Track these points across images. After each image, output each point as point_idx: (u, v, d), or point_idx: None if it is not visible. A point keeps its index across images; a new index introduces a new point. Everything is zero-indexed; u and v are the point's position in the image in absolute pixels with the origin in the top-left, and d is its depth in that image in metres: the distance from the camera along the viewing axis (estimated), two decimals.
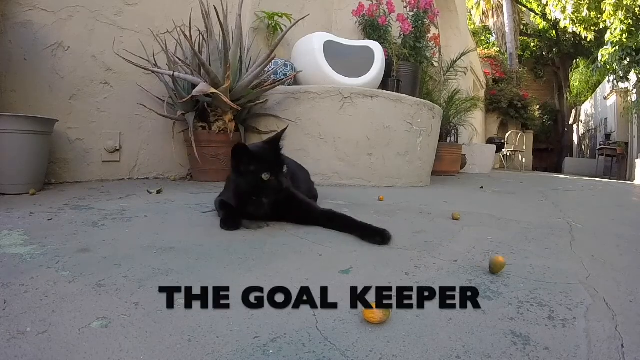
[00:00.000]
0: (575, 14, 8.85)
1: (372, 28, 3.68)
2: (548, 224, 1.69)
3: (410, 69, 3.62)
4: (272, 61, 2.68)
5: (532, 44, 16.38)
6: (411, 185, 2.91)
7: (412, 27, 3.71)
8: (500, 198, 2.70)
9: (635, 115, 8.23)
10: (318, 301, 0.77)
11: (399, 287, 0.85)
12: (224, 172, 2.22)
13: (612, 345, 0.66)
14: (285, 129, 1.40)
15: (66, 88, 2.26)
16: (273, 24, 3.06)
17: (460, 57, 4.80)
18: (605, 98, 10.35)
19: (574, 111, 14.16)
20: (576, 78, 12.01)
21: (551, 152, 15.57)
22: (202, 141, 2.41)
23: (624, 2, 7.03)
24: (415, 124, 2.83)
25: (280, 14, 3.04)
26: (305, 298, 0.76)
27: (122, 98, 2.51)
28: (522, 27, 15.60)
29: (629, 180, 7.90)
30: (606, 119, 10.42)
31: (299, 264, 0.99)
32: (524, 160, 10.77)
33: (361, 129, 2.61)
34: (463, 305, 0.78)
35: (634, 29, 7.19)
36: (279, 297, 0.76)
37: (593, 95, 12.18)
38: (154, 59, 2.53)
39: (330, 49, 2.84)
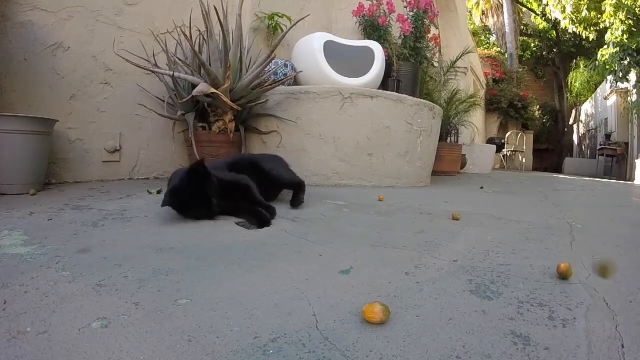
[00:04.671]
0: (575, 14, 8.85)
1: (372, 28, 3.68)
2: (548, 224, 1.69)
3: (410, 69, 3.61)
4: (272, 61, 2.68)
5: (532, 44, 16.37)
6: (411, 185, 2.91)
7: (412, 27, 3.71)
8: (501, 198, 2.70)
9: (635, 115, 8.22)
10: (318, 301, 0.77)
11: (399, 287, 0.85)
12: None
13: (612, 345, 0.66)
14: None
15: (66, 88, 2.25)
16: (273, 24, 3.06)
17: (460, 57, 4.79)
18: (605, 98, 10.34)
19: (574, 111, 14.15)
20: (576, 78, 11.99)
21: (551, 152, 15.56)
22: (202, 141, 2.41)
23: (624, 2, 7.03)
24: (415, 124, 2.83)
25: (280, 14, 3.04)
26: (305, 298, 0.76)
27: (122, 98, 2.50)
28: (522, 27, 15.59)
29: (629, 180, 7.89)
30: (606, 119, 10.41)
31: (298, 264, 0.99)
32: (524, 160, 10.77)
33: (361, 129, 2.61)
34: (463, 305, 0.78)
35: (634, 29, 7.19)
36: (279, 297, 0.76)
37: (593, 95, 12.17)
38: (154, 59, 2.53)
39: (330, 49, 2.84)
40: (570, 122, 14.60)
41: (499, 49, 14.91)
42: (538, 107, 13.24)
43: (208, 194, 1.36)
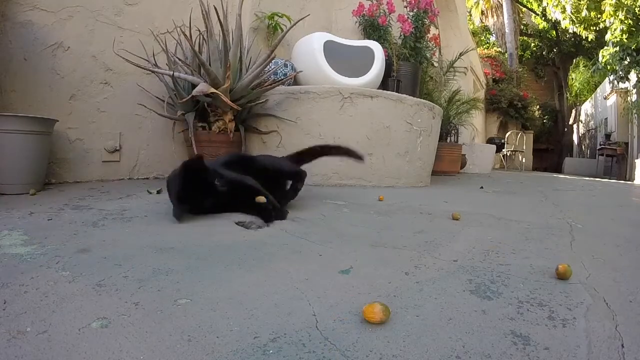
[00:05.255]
0: (575, 14, 8.85)
1: (372, 28, 3.68)
2: (548, 224, 1.69)
3: (410, 69, 3.62)
4: (272, 61, 2.68)
5: (532, 44, 16.37)
6: (411, 185, 2.91)
7: (413, 28, 3.72)
8: (501, 198, 2.70)
9: (635, 115, 8.22)
10: (318, 301, 0.77)
11: (399, 287, 0.85)
12: None
13: (612, 345, 0.66)
14: None
15: (66, 88, 2.25)
16: (273, 24, 3.06)
17: (460, 57, 4.79)
18: (605, 98, 10.34)
19: (574, 111, 14.15)
20: (576, 78, 11.99)
21: (551, 152, 15.56)
22: (202, 141, 2.41)
23: (624, 2, 7.03)
24: (415, 124, 2.83)
25: (280, 14, 3.04)
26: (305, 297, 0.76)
27: (122, 98, 2.50)
28: (522, 27, 15.59)
29: (629, 180, 7.89)
30: (606, 119, 10.41)
31: (298, 264, 0.99)
32: (524, 160, 10.77)
33: (361, 129, 2.61)
34: (463, 305, 0.78)
35: (634, 29, 7.18)
36: (279, 297, 0.76)
37: (593, 95, 12.17)
38: (154, 59, 2.53)
39: (330, 49, 2.84)
40: (570, 122, 14.60)
41: (499, 49, 14.91)
42: (538, 107, 13.25)
43: (208, 182, 1.37)
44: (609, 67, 7.57)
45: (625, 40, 7.16)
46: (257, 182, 1.60)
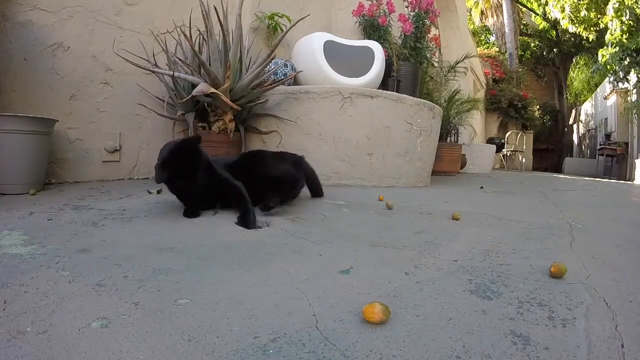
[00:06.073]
0: (575, 14, 8.85)
1: (372, 28, 3.68)
2: (548, 224, 1.69)
3: (410, 69, 3.61)
4: (272, 61, 2.68)
5: (532, 44, 16.37)
6: (411, 185, 2.91)
7: (413, 28, 3.72)
8: (501, 198, 2.70)
9: (635, 115, 8.22)
10: (318, 301, 0.77)
11: (399, 287, 0.85)
12: None
13: (612, 345, 0.66)
14: None
15: (66, 88, 2.25)
16: (273, 24, 3.06)
17: (461, 60, 4.79)
18: (605, 98, 10.34)
19: (574, 111, 14.15)
20: (576, 78, 11.98)
21: (551, 152, 15.56)
22: (202, 141, 2.40)
23: (626, 3, 7.02)
24: (415, 124, 2.83)
25: (280, 14, 3.04)
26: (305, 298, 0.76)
27: (122, 98, 2.50)
28: (522, 27, 15.59)
29: (629, 180, 7.89)
30: (606, 119, 10.41)
31: (298, 264, 0.99)
32: (524, 160, 10.77)
33: (361, 129, 2.61)
34: (463, 305, 0.78)
35: (634, 29, 7.18)
36: (279, 297, 0.76)
37: (593, 95, 12.17)
38: (154, 59, 2.53)
39: (330, 49, 2.84)
40: (570, 122, 14.60)
41: (498, 49, 14.91)
42: (538, 107, 13.24)
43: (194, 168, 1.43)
44: (608, 67, 7.56)
45: (625, 41, 7.16)
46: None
